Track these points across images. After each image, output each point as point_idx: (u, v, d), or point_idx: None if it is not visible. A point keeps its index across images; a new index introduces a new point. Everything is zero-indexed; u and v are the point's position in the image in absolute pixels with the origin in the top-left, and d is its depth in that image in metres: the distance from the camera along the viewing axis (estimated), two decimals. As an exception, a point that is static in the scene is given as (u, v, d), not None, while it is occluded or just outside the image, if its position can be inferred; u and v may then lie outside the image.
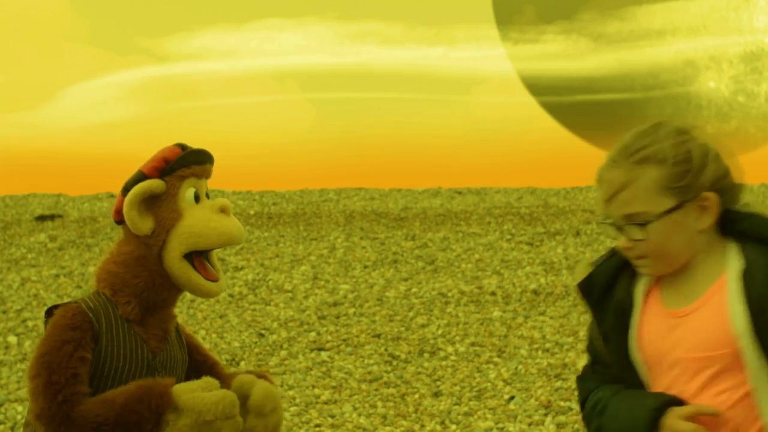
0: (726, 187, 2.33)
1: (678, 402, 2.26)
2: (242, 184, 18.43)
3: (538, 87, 18.06)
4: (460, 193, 17.90)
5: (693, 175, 2.28)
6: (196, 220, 2.42)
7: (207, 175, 2.50)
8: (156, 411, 2.30)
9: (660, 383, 2.33)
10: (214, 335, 8.08)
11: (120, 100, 21.26)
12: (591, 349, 2.48)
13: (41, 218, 14.80)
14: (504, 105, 21.29)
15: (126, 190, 2.42)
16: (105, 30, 22.23)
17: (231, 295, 9.38)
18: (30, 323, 8.35)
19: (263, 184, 18.92)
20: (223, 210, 2.46)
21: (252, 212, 15.17)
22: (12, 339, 7.91)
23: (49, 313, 2.43)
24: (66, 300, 9.72)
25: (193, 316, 8.63)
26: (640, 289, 2.38)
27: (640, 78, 17.56)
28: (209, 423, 2.31)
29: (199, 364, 2.61)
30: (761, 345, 2.21)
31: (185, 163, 2.44)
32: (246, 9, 21.91)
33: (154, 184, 2.40)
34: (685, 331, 2.29)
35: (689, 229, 2.29)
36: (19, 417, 6.19)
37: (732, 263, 2.30)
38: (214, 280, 2.47)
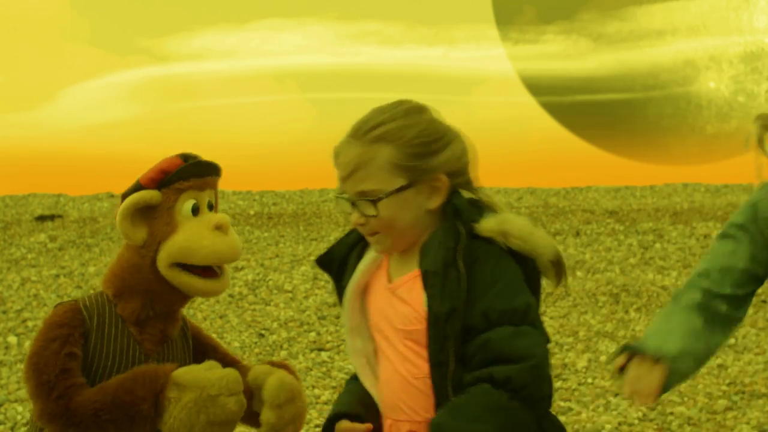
0: (458, 172, 2.39)
1: (351, 414, 2.43)
2: (242, 184, 18.43)
3: (538, 87, 18.06)
4: (460, 193, 17.90)
5: (426, 156, 2.35)
6: (189, 235, 2.40)
7: (211, 186, 2.46)
8: (152, 389, 2.28)
9: (380, 343, 2.45)
10: (214, 335, 8.07)
11: (120, 100, 21.26)
12: None
13: (41, 218, 14.80)
14: (504, 105, 21.28)
15: (124, 198, 2.42)
16: (105, 30, 22.24)
17: (231, 296, 9.38)
18: (30, 323, 8.35)
19: (263, 184, 18.92)
20: (219, 227, 2.42)
21: (252, 212, 15.17)
22: (12, 339, 7.91)
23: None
24: (66, 300, 9.70)
25: (193, 316, 8.63)
26: (364, 262, 2.46)
27: (640, 78, 17.57)
28: (214, 398, 2.29)
29: (206, 348, 2.63)
30: (434, 323, 2.29)
31: (184, 176, 2.40)
32: (246, 9, 21.91)
33: (148, 195, 2.38)
34: (395, 303, 2.40)
35: (419, 207, 2.36)
36: (19, 417, 6.19)
37: None
38: (213, 276, 2.44)
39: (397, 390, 2.42)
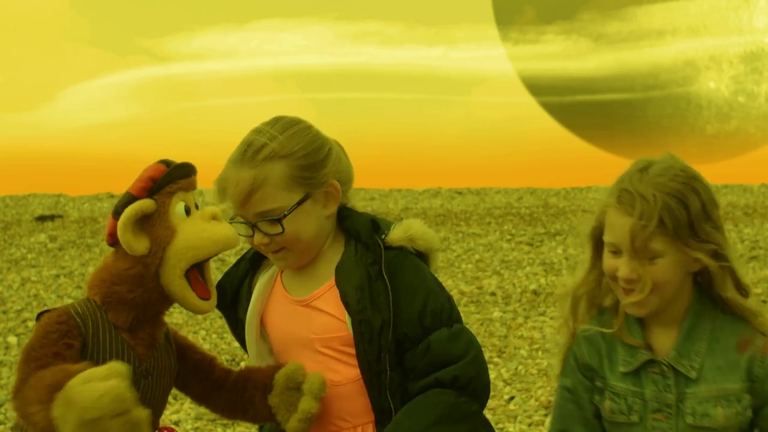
0: (345, 177, 2.50)
1: None
2: (242, 185, 18.40)
3: (538, 87, 18.06)
4: (460, 193, 17.91)
5: (318, 165, 2.43)
6: (190, 233, 2.42)
7: (194, 187, 2.50)
8: (48, 395, 2.13)
9: (288, 359, 2.52)
10: (214, 335, 8.08)
11: (120, 100, 21.26)
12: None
13: (41, 218, 14.80)
14: (504, 105, 21.29)
15: (117, 213, 2.41)
16: (105, 30, 22.24)
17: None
18: (30, 323, 8.35)
19: (263, 185, 18.88)
20: (214, 217, 2.46)
21: (252, 212, 15.16)
22: (12, 339, 7.92)
23: (40, 317, 2.42)
24: (66, 300, 9.66)
25: (193, 316, 8.63)
26: (259, 287, 2.55)
27: (640, 78, 17.57)
28: (94, 421, 2.03)
29: (197, 363, 2.62)
30: (356, 334, 2.40)
31: (171, 179, 2.43)
32: (246, 9, 21.91)
33: (145, 204, 2.39)
34: (311, 315, 2.48)
35: (318, 216, 2.45)
36: (19, 417, 6.20)
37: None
38: (206, 298, 2.47)
39: (325, 401, 2.48)
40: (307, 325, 2.50)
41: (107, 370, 2.09)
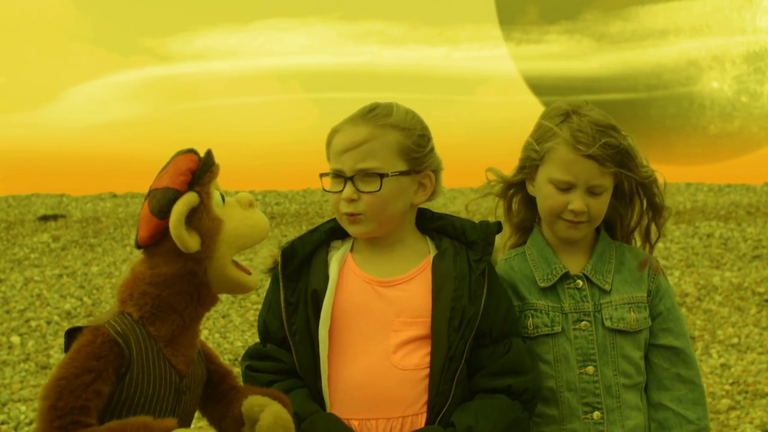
0: (439, 175, 2.64)
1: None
2: (245, 184, 18.42)
3: (541, 87, 18.05)
4: (462, 193, 17.89)
5: (425, 149, 2.57)
6: (237, 221, 2.36)
7: (218, 173, 2.41)
8: None
9: (355, 338, 2.54)
10: (216, 335, 8.08)
11: (123, 100, 21.27)
12: (264, 329, 2.64)
13: (44, 218, 14.81)
14: (507, 105, 21.29)
15: (162, 212, 2.28)
16: (108, 30, 22.25)
17: (234, 295, 9.38)
18: (33, 323, 8.35)
19: (266, 184, 18.92)
20: (252, 204, 2.42)
21: (255, 212, 15.14)
22: (15, 339, 7.92)
23: (70, 334, 2.29)
24: (69, 300, 9.60)
25: (196, 316, 8.63)
26: (335, 263, 2.60)
27: (643, 78, 17.55)
28: None
29: (212, 373, 2.52)
30: (442, 320, 2.51)
31: (207, 168, 2.35)
32: (249, 9, 21.92)
33: (192, 197, 2.29)
34: (395, 296, 2.55)
35: (408, 198, 2.57)
36: (22, 417, 6.20)
37: (432, 249, 2.61)
38: (249, 273, 2.42)
39: (386, 383, 2.50)
40: (389, 306, 2.55)
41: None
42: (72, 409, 2.17)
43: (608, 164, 2.65)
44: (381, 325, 2.54)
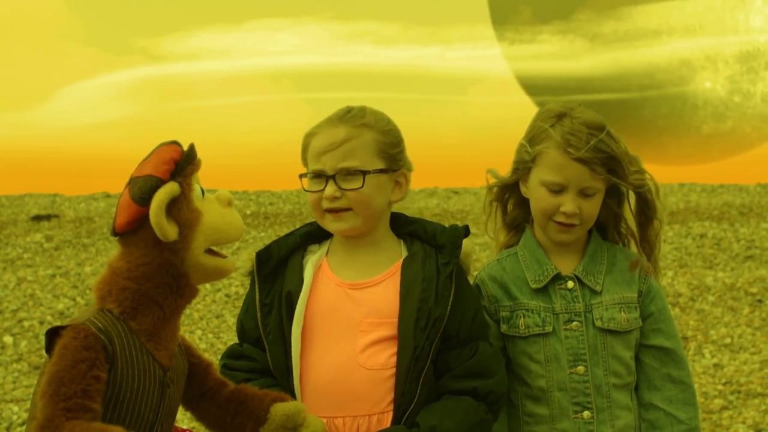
0: (408, 179, 2.71)
1: None
2: (238, 184, 18.43)
3: (534, 87, 18.07)
4: (456, 192, 17.91)
5: (400, 150, 2.67)
6: (216, 215, 2.39)
7: (200, 167, 2.45)
8: None
9: (324, 339, 2.61)
10: (210, 335, 8.08)
11: (116, 99, 21.25)
12: (241, 329, 2.72)
13: (37, 218, 14.79)
14: (500, 105, 21.31)
15: (144, 199, 2.30)
16: (101, 30, 22.22)
17: (227, 295, 9.37)
18: (26, 323, 8.34)
19: (259, 184, 18.92)
20: (230, 203, 2.45)
21: (248, 212, 15.16)
22: (8, 339, 7.91)
23: (51, 334, 2.29)
24: (62, 300, 9.60)
25: (189, 316, 8.62)
26: (309, 267, 2.66)
27: (636, 78, 17.58)
28: None
29: (194, 367, 2.53)
30: (408, 320, 2.56)
31: (190, 160, 2.38)
32: (242, 9, 21.90)
33: (174, 187, 2.32)
34: (364, 299, 2.62)
35: (387, 195, 2.66)
36: (15, 417, 6.19)
37: (404, 253, 2.67)
38: (224, 257, 2.45)
39: (352, 382, 2.56)
40: (357, 308, 2.61)
41: None
42: (75, 392, 2.19)
43: (598, 169, 2.67)
44: (350, 326, 2.60)
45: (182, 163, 2.36)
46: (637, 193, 2.77)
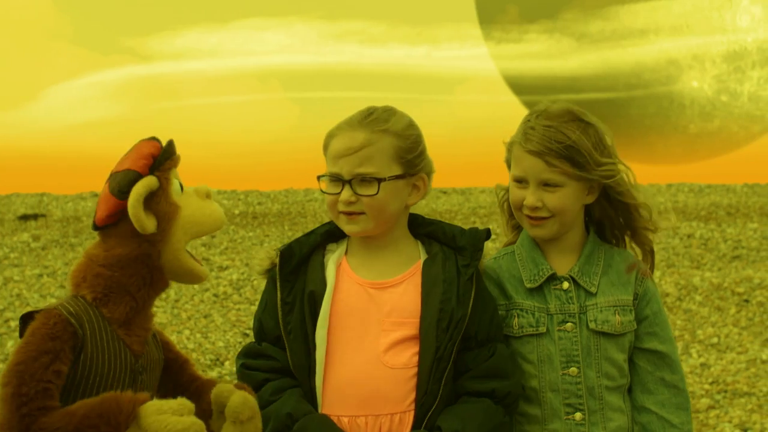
0: (430, 178, 2.73)
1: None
2: (226, 184, 18.41)
3: (521, 86, 18.09)
4: (445, 192, 17.92)
5: (418, 154, 2.67)
6: (193, 209, 2.43)
7: (179, 162, 2.49)
8: (115, 427, 2.21)
9: (348, 338, 2.62)
10: (198, 335, 8.07)
11: (103, 99, 21.21)
12: (259, 328, 2.71)
13: (24, 218, 14.75)
14: (487, 104, 21.33)
15: (122, 192, 2.35)
16: (88, 29, 22.17)
17: (215, 295, 9.36)
18: (13, 323, 8.32)
19: (247, 184, 18.90)
20: (209, 196, 2.48)
21: (237, 212, 15.15)
22: (-5, 339, 7.89)
23: (25, 318, 2.33)
24: (50, 300, 9.61)
25: (177, 315, 8.61)
26: (331, 266, 2.68)
27: (623, 77, 17.61)
28: None
29: (170, 362, 2.56)
30: (430, 321, 2.59)
31: (168, 156, 2.42)
32: (229, 8, 21.89)
33: (152, 181, 2.36)
34: (386, 298, 2.64)
35: (403, 200, 2.66)
36: (1, 417, 6.18)
37: (422, 254, 2.70)
38: (200, 263, 2.49)
39: (376, 381, 2.58)
40: (380, 307, 2.63)
41: (179, 405, 2.23)
42: (36, 393, 2.23)
43: (554, 160, 2.65)
44: (372, 325, 2.62)
45: (160, 158, 2.40)
46: (608, 185, 2.72)
